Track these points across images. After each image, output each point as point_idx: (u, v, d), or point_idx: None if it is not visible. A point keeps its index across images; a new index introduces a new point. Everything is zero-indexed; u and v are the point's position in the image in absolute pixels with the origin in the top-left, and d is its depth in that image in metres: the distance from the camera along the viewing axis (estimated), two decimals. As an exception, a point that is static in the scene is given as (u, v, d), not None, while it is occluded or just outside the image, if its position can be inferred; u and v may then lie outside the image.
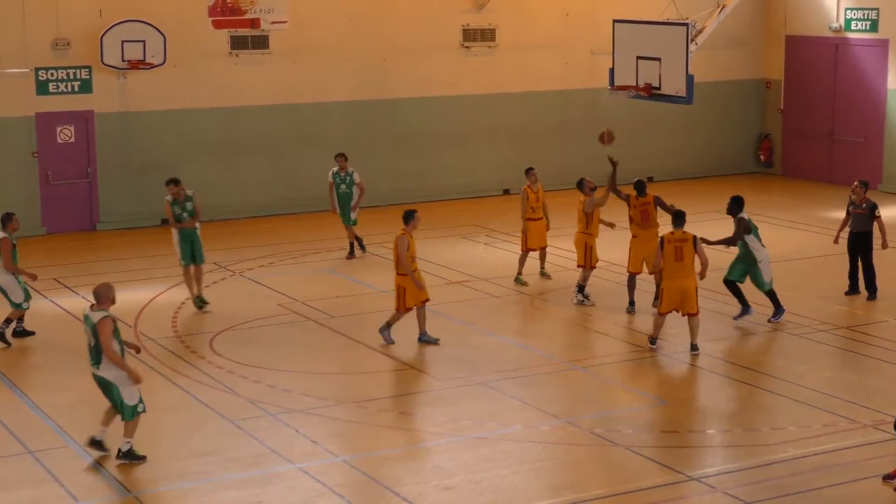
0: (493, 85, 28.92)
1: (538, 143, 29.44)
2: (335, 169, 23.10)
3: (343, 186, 22.96)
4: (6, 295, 18.03)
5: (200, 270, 19.93)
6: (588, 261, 19.67)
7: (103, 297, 13.55)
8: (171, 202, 19.91)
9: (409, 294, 17.37)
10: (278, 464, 13.58)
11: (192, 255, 19.74)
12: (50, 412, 15.20)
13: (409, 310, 17.49)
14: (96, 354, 13.45)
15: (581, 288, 19.67)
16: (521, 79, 29.15)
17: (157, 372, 16.74)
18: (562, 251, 21.83)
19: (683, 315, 17.27)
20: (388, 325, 17.64)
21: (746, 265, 18.64)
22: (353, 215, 22.98)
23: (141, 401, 13.60)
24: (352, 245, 23.13)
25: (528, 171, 21.32)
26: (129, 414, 13.52)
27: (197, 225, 19.85)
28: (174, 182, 19.96)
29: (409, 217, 17.43)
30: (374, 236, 23.55)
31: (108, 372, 13.46)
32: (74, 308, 19.78)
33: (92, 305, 13.63)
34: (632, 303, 19.28)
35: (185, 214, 19.82)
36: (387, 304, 19.12)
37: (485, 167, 28.78)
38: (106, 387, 13.54)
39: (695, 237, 17.23)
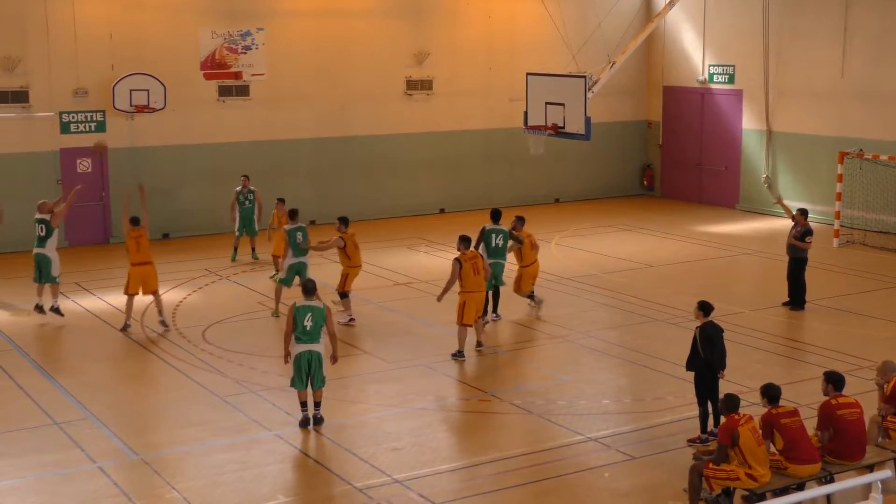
0: (431, 125, 28.91)
1: (467, 171, 29.48)
2: (238, 188, 22.85)
3: (246, 203, 22.75)
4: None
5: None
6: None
7: (315, 289, 13.66)
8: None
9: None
10: (259, 431, 13.50)
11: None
12: (72, 391, 15.01)
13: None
14: (316, 334, 13.31)
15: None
16: (453, 120, 29.16)
17: (159, 357, 16.59)
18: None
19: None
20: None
21: (496, 274, 17.74)
22: (256, 226, 22.79)
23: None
24: (236, 249, 23.00)
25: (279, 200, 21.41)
26: (323, 383, 13.52)
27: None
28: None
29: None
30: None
31: (322, 348, 13.41)
32: (93, 306, 19.58)
33: (306, 298, 13.43)
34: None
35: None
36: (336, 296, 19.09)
37: (424, 191, 28.78)
38: (314, 361, 13.36)
39: (482, 255, 16.68)
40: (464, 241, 16.45)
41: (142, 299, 19.87)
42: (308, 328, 13.31)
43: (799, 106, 27.73)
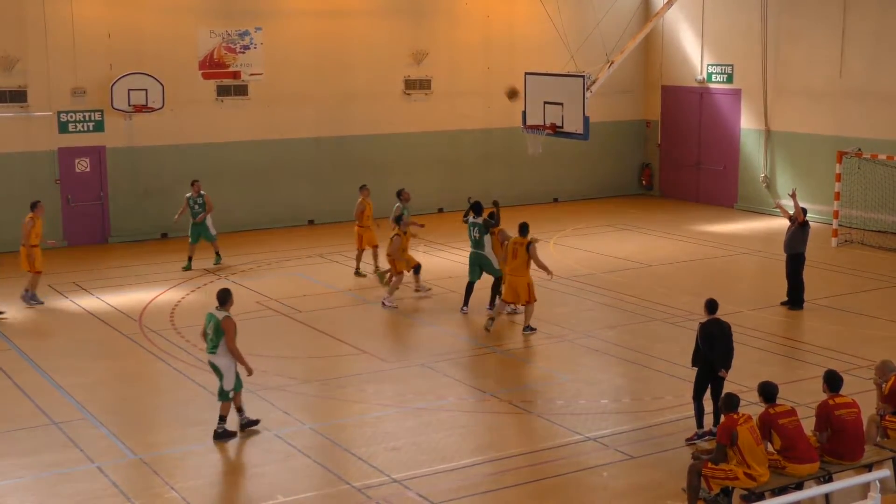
0: (430, 124, 28.91)
1: (465, 170, 29.47)
2: (189, 194, 22.27)
3: (196, 207, 22.14)
4: None
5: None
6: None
7: (227, 300, 13.22)
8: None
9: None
10: (257, 431, 13.49)
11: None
12: (71, 391, 15.01)
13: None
14: (214, 344, 13.10)
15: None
16: (452, 119, 29.17)
17: (158, 357, 16.58)
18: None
19: (521, 304, 17.54)
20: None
21: (480, 264, 18.68)
22: (212, 231, 22.26)
23: (235, 387, 13.20)
24: (190, 259, 22.22)
25: (362, 188, 22.25)
26: (223, 396, 13.18)
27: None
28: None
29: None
30: (341, 245, 23.55)
31: (220, 360, 13.11)
32: (91, 306, 19.55)
33: (217, 307, 13.21)
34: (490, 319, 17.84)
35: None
36: (341, 300, 19.08)
37: (423, 190, 28.72)
38: (216, 371, 13.19)
39: (529, 243, 17.25)
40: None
41: (141, 300, 19.89)
42: (209, 336, 13.23)
43: (797, 105, 27.74)
